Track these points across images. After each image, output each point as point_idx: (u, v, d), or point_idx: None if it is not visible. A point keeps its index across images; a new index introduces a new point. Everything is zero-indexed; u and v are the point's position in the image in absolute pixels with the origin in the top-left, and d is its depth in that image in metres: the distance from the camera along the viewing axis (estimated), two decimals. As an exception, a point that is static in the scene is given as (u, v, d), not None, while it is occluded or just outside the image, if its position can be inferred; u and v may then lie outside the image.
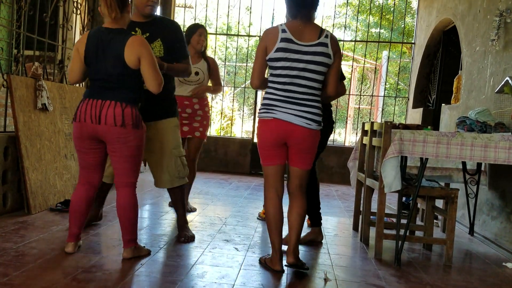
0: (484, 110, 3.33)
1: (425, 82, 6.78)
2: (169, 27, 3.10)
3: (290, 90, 2.46)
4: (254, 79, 2.56)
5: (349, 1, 9.68)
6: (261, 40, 2.50)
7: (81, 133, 2.59)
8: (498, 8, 3.94)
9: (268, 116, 2.48)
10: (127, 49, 2.53)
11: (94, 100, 2.56)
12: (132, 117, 2.56)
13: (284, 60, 2.43)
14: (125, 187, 2.65)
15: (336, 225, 4.06)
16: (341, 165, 6.92)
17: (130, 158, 2.62)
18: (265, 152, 2.56)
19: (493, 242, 3.65)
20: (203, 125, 4.02)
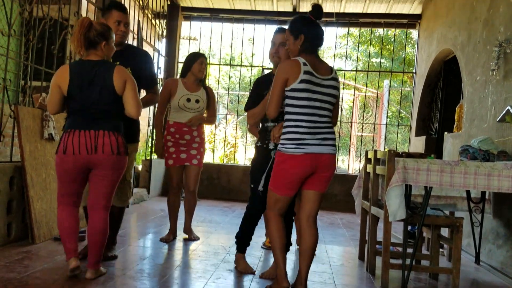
0: (486, 139, 3.35)
1: (427, 111, 6.83)
2: (139, 55, 3.25)
3: (314, 121, 2.55)
4: (273, 109, 2.58)
5: (349, 32, 9.87)
6: (280, 72, 2.55)
7: (74, 165, 2.69)
8: (497, 38, 4.02)
9: (299, 151, 2.52)
10: (115, 77, 2.70)
11: (86, 131, 2.68)
12: (124, 145, 2.76)
13: (308, 91, 2.53)
14: (102, 209, 2.77)
15: (342, 254, 4.02)
16: (345, 192, 6.89)
17: (115, 183, 2.80)
18: (288, 185, 2.59)
19: (500, 271, 3.61)
20: (200, 152, 4.03)
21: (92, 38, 2.72)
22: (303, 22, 2.63)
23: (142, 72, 3.21)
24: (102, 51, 2.77)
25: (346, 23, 7.58)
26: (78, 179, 2.75)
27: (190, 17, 7.77)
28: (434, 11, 6.38)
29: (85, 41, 2.72)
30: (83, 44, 2.72)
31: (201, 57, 4.01)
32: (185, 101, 3.92)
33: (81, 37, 2.70)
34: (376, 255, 3.40)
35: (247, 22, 7.70)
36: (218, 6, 7.64)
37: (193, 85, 3.99)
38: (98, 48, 2.75)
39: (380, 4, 7.15)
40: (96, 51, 2.76)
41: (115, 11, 3.15)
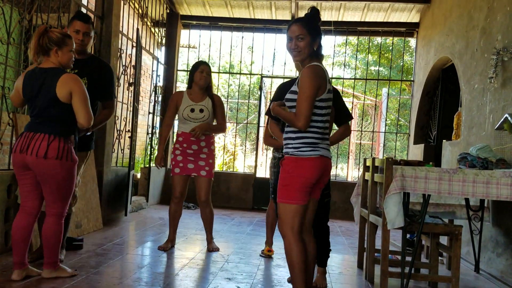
0: (485, 147, 3.36)
1: (426, 119, 6.85)
2: (98, 67, 3.31)
3: (326, 127, 2.49)
4: (306, 121, 2.34)
5: (348, 40, 9.91)
6: (315, 79, 2.34)
7: (14, 163, 2.79)
8: (495, 46, 4.04)
9: (315, 154, 2.38)
10: (59, 85, 2.73)
11: (27, 133, 2.76)
12: (58, 150, 2.73)
13: (330, 101, 2.47)
14: (50, 216, 2.82)
15: (341, 262, 4.01)
16: (344, 200, 6.88)
17: (57, 189, 2.79)
18: (306, 189, 2.39)
19: (499, 280, 3.59)
20: (209, 163, 3.96)
21: (43, 45, 2.76)
22: (317, 25, 2.44)
23: (98, 84, 3.27)
24: (55, 57, 2.79)
25: (344, 32, 7.62)
26: (21, 178, 2.81)
27: (189, 25, 7.81)
28: (432, 20, 6.42)
29: (38, 47, 2.76)
30: (36, 51, 2.76)
31: (201, 65, 3.99)
32: (189, 112, 3.92)
33: (35, 43, 2.75)
34: (375, 263, 3.39)
35: (246, 30, 7.74)
36: (217, 15, 7.68)
37: (198, 95, 3.97)
38: (51, 54, 2.78)
39: (378, 12, 7.19)
40: (49, 58, 2.79)
41: (75, 21, 3.25)
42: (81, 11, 3.46)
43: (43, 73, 2.77)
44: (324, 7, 7.10)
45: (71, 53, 2.86)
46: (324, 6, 7.08)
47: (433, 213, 3.58)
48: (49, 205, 2.82)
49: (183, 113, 3.92)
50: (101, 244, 3.91)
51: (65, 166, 2.76)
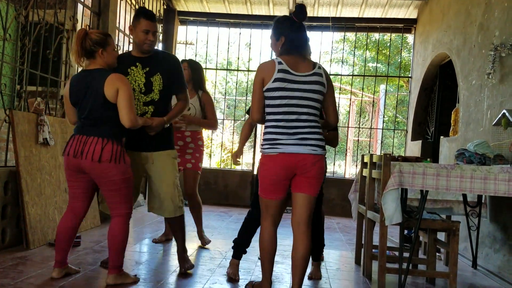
0: (482, 143, 3.35)
1: (423, 115, 6.84)
2: (168, 61, 3.18)
3: (292, 119, 2.44)
4: (255, 112, 2.52)
5: (346, 37, 9.89)
6: (257, 73, 2.50)
7: (67, 166, 2.78)
8: (492, 42, 4.04)
9: (273, 151, 2.44)
10: (106, 84, 2.69)
11: (80, 136, 2.73)
12: (112, 152, 2.69)
13: (282, 90, 2.44)
14: (115, 217, 2.79)
15: (338, 259, 4.01)
16: (342, 197, 6.89)
17: (115, 191, 2.75)
18: (270, 187, 2.49)
19: (497, 276, 3.60)
20: (196, 157, 3.99)
21: (88, 48, 2.75)
22: (284, 23, 2.54)
23: (171, 77, 3.12)
24: (101, 58, 2.78)
25: (342, 28, 7.60)
26: (74, 181, 2.81)
27: (186, 22, 7.78)
28: (430, 16, 6.41)
29: (82, 51, 2.75)
30: (81, 54, 2.76)
31: (182, 63, 3.92)
32: None
33: (78, 47, 2.74)
34: (373, 260, 3.39)
35: (244, 26, 7.71)
36: (215, 11, 7.65)
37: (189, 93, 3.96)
38: (96, 56, 2.77)
39: (376, 8, 7.17)
40: (95, 60, 2.78)
41: (143, 20, 3.00)
42: (145, 8, 3.27)
43: (89, 74, 2.76)
44: (322, 3, 7.09)
45: (115, 51, 2.86)
46: (322, 2, 7.06)
47: (431, 209, 3.58)
48: (113, 207, 2.79)
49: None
50: (98, 241, 3.91)
51: (119, 169, 2.72)
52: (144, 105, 3.03)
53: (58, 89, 4.54)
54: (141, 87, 3.04)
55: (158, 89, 3.05)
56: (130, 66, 3.05)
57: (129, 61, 3.07)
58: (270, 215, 2.56)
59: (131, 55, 3.12)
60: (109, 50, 2.80)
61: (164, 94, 3.08)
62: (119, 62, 3.10)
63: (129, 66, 3.05)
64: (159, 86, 3.06)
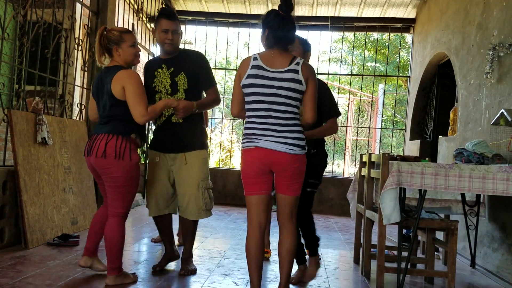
0: (481, 142, 3.36)
1: (422, 114, 6.85)
2: (191, 58, 3.16)
3: (268, 116, 2.42)
4: (233, 106, 2.57)
5: (344, 36, 9.90)
6: (237, 69, 2.53)
7: (88, 165, 2.85)
8: (491, 42, 4.04)
9: (250, 145, 2.45)
10: (114, 81, 2.69)
11: (93, 135, 2.78)
12: (115, 148, 2.66)
13: (255, 86, 2.43)
14: (113, 216, 2.76)
15: (337, 258, 4.01)
16: (341, 196, 6.89)
17: (116, 189, 2.73)
18: (248, 181, 2.48)
19: (495, 275, 3.61)
20: None
21: (105, 46, 2.78)
22: (269, 16, 2.51)
23: (196, 74, 3.11)
24: (118, 55, 2.78)
25: (340, 27, 7.60)
26: (97, 178, 2.88)
27: (185, 21, 7.77)
28: (428, 15, 6.41)
29: (101, 48, 2.79)
30: (101, 52, 2.79)
31: None
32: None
33: (98, 45, 2.78)
34: (371, 259, 3.40)
35: (242, 25, 7.71)
36: (213, 10, 7.65)
37: None
38: (113, 53, 2.78)
39: (374, 8, 7.18)
40: (113, 57, 2.80)
41: (162, 20, 3.03)
42: (166, 8, 3.32)
43: (105, 73, 2.78)
44: (320, 3, 7.09)
45: (133, 48, 2.80)
46: (321, 2, 7.06)
47: (429, 209, 3.58)
48: (110, 205, 2.77)
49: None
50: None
51: (121, 165, 2.67)
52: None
53: (57, 88, 4.53)
54: (167, 88, 3.06)
55: (183, 89, 3.06)
56: (157, 68, 3.09)
57: (157, 64, 3.13)
58: (255, 216, 2.49)
59: (159, 58, 3.17)
60: (125, 47, 2.77)
61: (191, 93, 3.07)
62: (149, 66, 3.18)
63: (156, 69, 3.10)
64: (184, 86, 3.07)
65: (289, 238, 2.50)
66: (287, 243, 2.50)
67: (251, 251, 2.46)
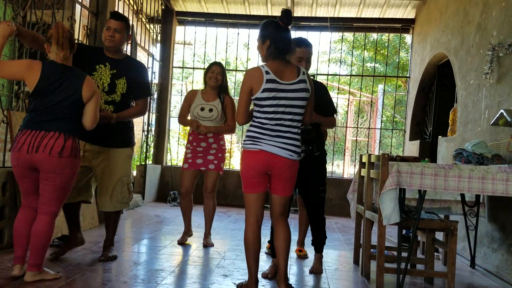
0: (480, 142, 3.36)
1: (421, 115, 6.85)
2: (134, 66, 3.37)
3: (277, 124, 2.60)
4: (240, 117, 2.68)
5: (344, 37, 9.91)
6: (245, 80, 2.62)
7: (18, 162, 2.71)
8: (490, 42, 4.04)
9: (255, 147, 2.60)
10: (86, 86, 2.74)
11: (35, 131, 2.68)
12: (71, 148, 2.72)
13: (272, 99, 2.57)
14: (45, 214, 2.74)
15: (337, 258, 4.01)
16: (340, 197, 6.89)
17: (60, 188, 2.75)
18: (250, 181, 2.66)
19: (495, 275, 3.61)
20: (218, 157, 4.10)
21: (73, 43, 2.78)
22: (270, 27, 2.63)
23: (135, 82, 3.30)
24: (71, 58, 2.81)
25: (340, 28, 7.60)
26: (26, 177, 2.75)
27: (184, 22, 7.78)
28: (428, 16, 6.42)
29: (69, 44, 2.74)
30: (68, 47, 2.73)
31: (213, 65, 4.13)
32: (199, 110, 4.06)
33: (65, 40, 2.72)
34: (371, 259, 3.40)
35: (242, 26, 7.71)
36: (213, 11, 7.65)
37: (211, 95, 4.10)
38: (72, 53, 2.80)
39: (374, 8, 7.18)
40: (70, 56, 2.79)
41: (109, 19, 3.26)
42: (117, 11, 3.56)
43: (65, 71, 2.75)
44: (320, 3, 7.09)
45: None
46: (320, 2, 7.07)
47: (429, 209, 3.58)
48: (46, 203, 2.74)
49: (194, 112, 4.07)
50: (97, 241, 3.90)
51: (73, 164, 2.76)
52: (105, 104, 3.20)
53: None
54: (105, 86, 3.21)
55: (120, 92, 3.24)
56: (99, 63, 3.22)
57: (100, 58, 3.25)
58: (253, 212, 2.68)
59: (103, 53, 3.28)
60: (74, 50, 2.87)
61: (126, 98, 3.27)
62: (89, 53, 3.27)
63: (98, 63, 3.22)
64: (122, 90, 3.25)
65: (284, 232, 2.68)
66: (282, 233, 2.68)
67: (250, 243, 2.65)
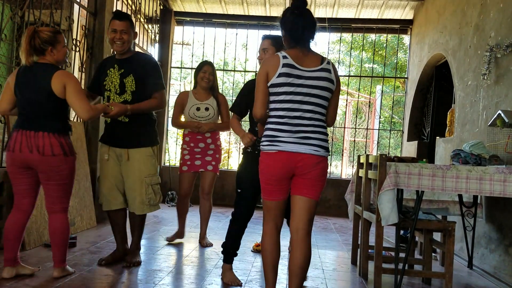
0: (478, 143, 3.37)
1: (419, 116, 6.86)
2: (142, 62, 3.28)
3: (295, 117, 2.30)
4: (258, 108, 2.36)
5: (342, 37, 9.92)
6: (261, 67, 2.37)
7: (12, 162, 2.75)
8: (488, 43, 4.05)
9: (272, 149, 2.31)
10: (54, 80, 2.70)
11: (26, 131, 2.70)
12: (62, 146, 2.73)
13: (287, 85, 2.29)
14: (58, 212, 2.81)
15: (335, 259, 4.01)
16: (338, 197, 6.90)
17: (63, 185, 2.79)
18: (270, 188, 2.37)
19: (492, 276, 3.61)
20: (216, 158, 4.12)
21: (37, 46, 2.73)
22: (284, 15, 2.39)
23: (144, 78, 3.21)
24: (51, 56, 2.77)
25: (338, 29, 7.61)
26: (20, 177, 2.78)
27: (183, 22, 7.77)
28: (426, 17, 6.43)
29: (30, 49, 2.71)
30: (29, 52, 2.71)
31: (204, 65, 4.10)
32: (195, 110, 4.05)
33: (26, 45, 2.70)
34: (369, 260, 3.40)
35: (240, 27, 7.71)
36: (211, 11, 7.65)
37: (204, 94, 4.10)
38: (46, 54, 2.76)
39: (372, 9, 7.19)
40: (44, 57, 2.77)
41: (113, 20, 3.20)
42: (119, 10, 3.46)
43: (36, 68, 2.74)
44: (318, 4, 7.10)
45: (65, 48, 2.85)
46: (319, 3, 7.07)
47: (427, 210, 3.59)
48: (54, 202, 2.81)
49: (189, 112, 4.06)
50: (94, 242, 3.89)
51: (69, 161, 2.78)
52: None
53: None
54: (117, 88, 3.19)
55: (130, 90, 3.18)
56: (110, 67, 3.21)
57: (111, 63, 3.24)
58: (271, 219, 2.43)
59: (114, 57, 3.27)
60: (59, 47, 2.80)
61: (138, 95, 3.18)
62: (105, 63, 3.28)
63: (109, 67, 3.22)
64: (132, 88, 3.18)
65: (303, 252, 2.33)
66: (301, 258, 2.33)
67: (267, 251, 2.41)
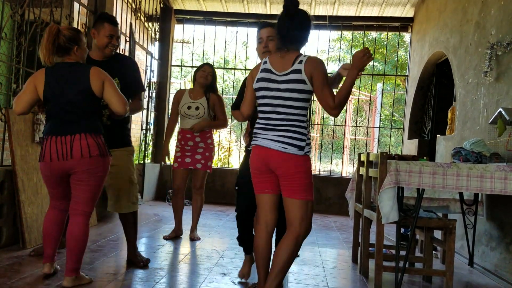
0: (479, 141, 3.36)
1: (420, 113, 6.86)
2: (125, 63, 3.27)
3: (270, 118, 2.44)
4: (244, 107, 2.63)
5: (343, 35, 9.91)
6: (251, 71, 2.60)
7: (50, 172, 2.67)
8: (489, 41, 4.04)
9: (253, 143, 2.52)
10: (92, 78, 2.65)
11: (61, 137, 2.62)
12: (99, 146, 2.67)
13: (264, 89, 2.46)
14: (80, 215, 2.69)
15: (335, 257, 4.01)
16: (339, 195, 6.90)
17: (94, 187, 2.71)
18: (255, 180, 2.53)
19: (493, 274, 3.61)
20: (205, 156, 4.22)
21: (63, 45, 2.67)
22: (278, 17, 2.46)
23: (128, 78, 3.20)
24: (76, 55, 2.74)
25: (339, 26, 7.60)
26: (59, 184, 2.73)
27: (183, 20, 7.76)
28: (426, 14, 6.42)
29: (53, 48, 2.64)
30: (52, 51, 2.64)
31: (205, 65, 4.30)
32: (186, 109, 4.20)
33: (49, 45, 2.62)
34: (369, 258, 3.40)
35: (241, 25, 7.71)
36: (211, 9, 7.64)
37: (198, 93, 4.24)
38: (71, 53, 2.71)
39: (372, 7, 7.18)
40: (69, 57, 2.72)
41: (107, 25, 3.10)
42: (107, 13, 3.42)
43: (69, 67, 2.69)
44: (318, 2, 7.09)
45: (86, 47, 2.84)
46: (319, 1, 7.06)
47: (427, 208, 3.59)
48: (78, 203, 2.69)
49: (181, 110, 4.22)
50: (95, 240, 3.90)
51: (104, 162, 2.71)
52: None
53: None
54: None
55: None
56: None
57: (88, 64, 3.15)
58: (262, 216, 2.52)
59: (90, 57, 3.16)
60: (83, 46, 2.77)
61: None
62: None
63: None
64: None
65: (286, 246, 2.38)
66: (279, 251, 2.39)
67: (259, 249, 2.51)
